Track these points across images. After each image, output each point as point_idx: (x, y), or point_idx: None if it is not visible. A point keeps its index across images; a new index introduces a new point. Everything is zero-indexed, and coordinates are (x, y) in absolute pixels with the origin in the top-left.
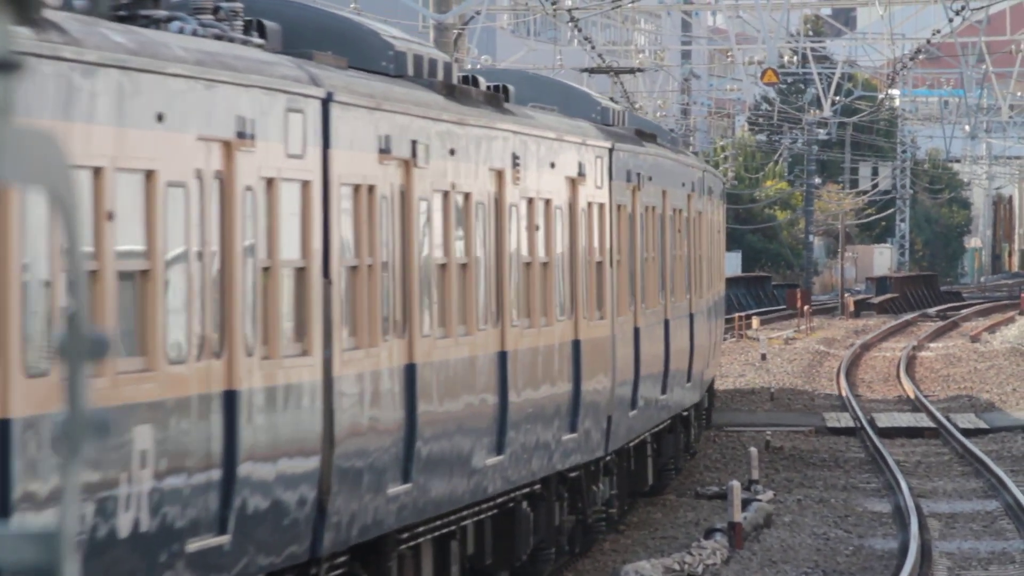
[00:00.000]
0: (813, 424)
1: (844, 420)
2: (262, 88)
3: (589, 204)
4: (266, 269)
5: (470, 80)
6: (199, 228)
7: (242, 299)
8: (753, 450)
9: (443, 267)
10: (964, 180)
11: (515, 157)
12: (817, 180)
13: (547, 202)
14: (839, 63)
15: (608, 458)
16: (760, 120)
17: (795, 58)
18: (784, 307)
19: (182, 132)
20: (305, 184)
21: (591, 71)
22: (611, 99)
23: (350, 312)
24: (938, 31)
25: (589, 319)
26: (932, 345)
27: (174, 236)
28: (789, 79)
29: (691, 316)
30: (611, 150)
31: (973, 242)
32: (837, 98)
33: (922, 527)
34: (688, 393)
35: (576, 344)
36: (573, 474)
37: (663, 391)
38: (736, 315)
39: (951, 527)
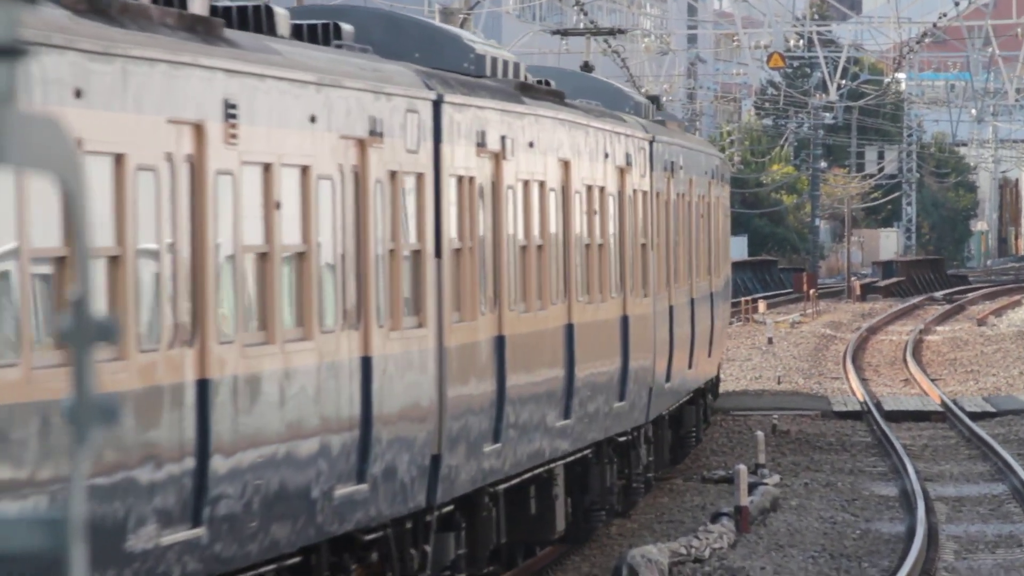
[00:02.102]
0: (819, 408)
1: (851, 404)
2: None
3: (393, 174)
4: None
5: (262, 10)
6: None
7: None
8: (759, 434)
9: (61, 260)
10: (970, 164)
11: (229, 106)
12: (823, 164)
13: (304, 170)
14: (845, 47)
15: (447, 509)
16: (766, 104)
17: (801, 42)
18: (790, 291)
19: None
20: None
21: (564, 33)
22: (581, 71)
23: None
24: (944, 14)
25: (392, 329)
26: (939, 329)
27: None
28: (795, 63)
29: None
30: (437, 103)
31: (979, 225)
32: (843, 82)
33: (929, 511)
34: (625, 414)
35: (366, 364)
36: (370, 536)
37: (567, 414)
38: (743, 299)
39: (958, 510)
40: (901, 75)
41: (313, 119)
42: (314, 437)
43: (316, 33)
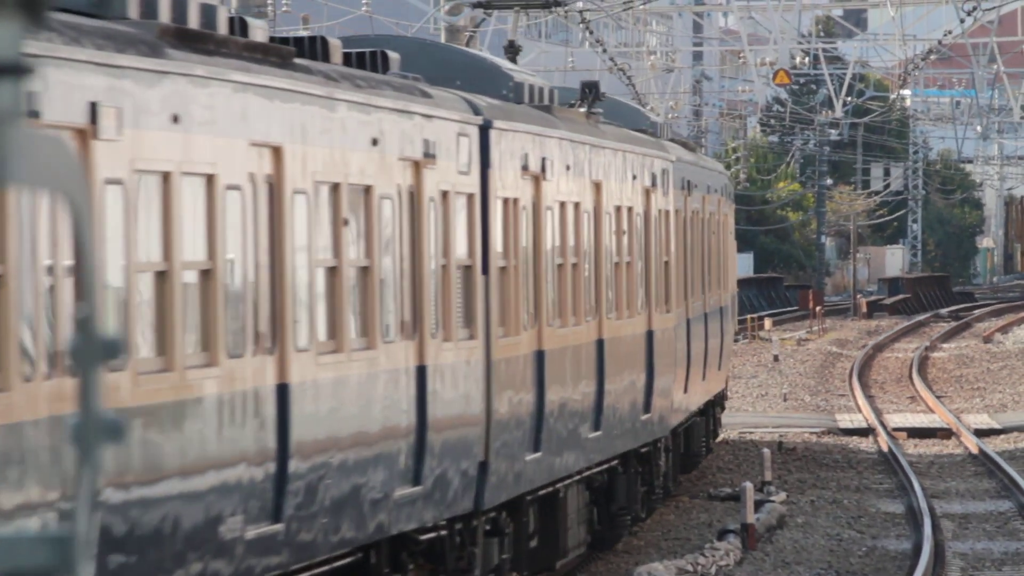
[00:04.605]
0: (826, 425)
1: (857, 421)
2: None
3: None
4: None
5: None
6: None
7: None
8: (766, 451)
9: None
10: (976, 180)
11: None
12: (829, 181)
13: None
14: (851, 64)
15: None
16: (772, 121)
17: (807, 59)
18: (796, 308)
19: None
20: None
21: (486, 7)
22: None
23: None
24: (949, 32)
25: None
26: (945, 346)
27: None
28: (801, 80)
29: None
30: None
31: (985, 242)
32: (849, 99)
33: (935, 528)
34: (426, 500)
35: None
36: None
37: (276, 516)
38: (748, 316)
39: (964, 527)
40: (906, 92)
41: None
42: None
43: None
